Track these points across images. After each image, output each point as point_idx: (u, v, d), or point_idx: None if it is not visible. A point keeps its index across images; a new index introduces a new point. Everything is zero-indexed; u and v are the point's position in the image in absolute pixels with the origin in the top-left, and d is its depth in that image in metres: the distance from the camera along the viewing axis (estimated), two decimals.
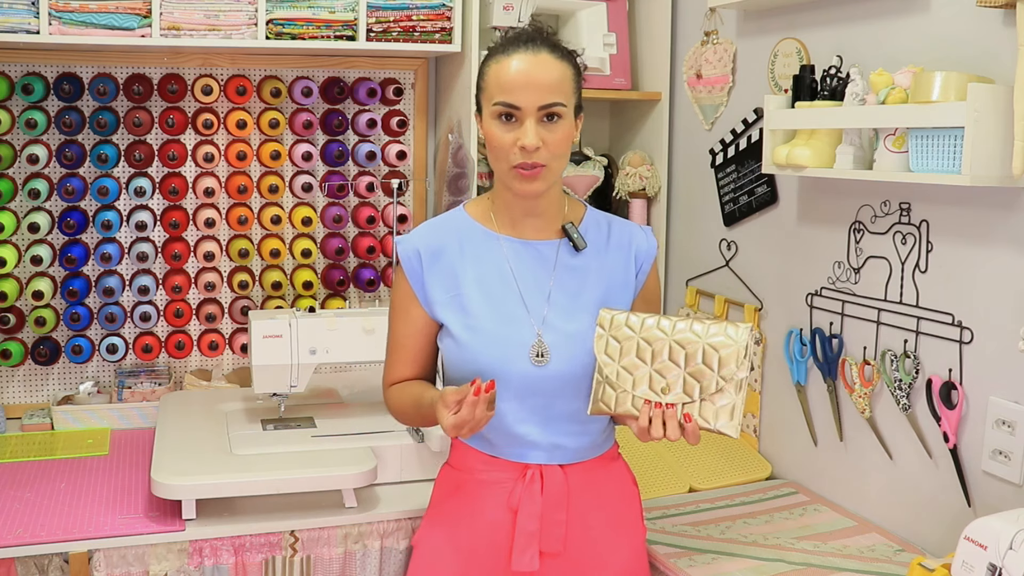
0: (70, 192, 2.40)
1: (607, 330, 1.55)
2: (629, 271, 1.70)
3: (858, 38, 1.97)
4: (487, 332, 1.60)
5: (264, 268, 2.67)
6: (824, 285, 2.08)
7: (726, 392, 1.49)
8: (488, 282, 1.63)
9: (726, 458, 2.27)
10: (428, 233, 1.68)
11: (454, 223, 1.69)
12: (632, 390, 1.53)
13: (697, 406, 1.50)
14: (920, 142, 1.64)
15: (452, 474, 1.72)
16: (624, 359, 1.53)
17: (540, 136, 1.53)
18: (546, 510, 1.62)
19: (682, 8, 2.60)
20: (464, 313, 1.62)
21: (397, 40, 2.40)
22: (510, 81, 1.53)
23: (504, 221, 1.67)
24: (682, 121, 2.62)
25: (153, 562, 1.87)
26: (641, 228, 1.75)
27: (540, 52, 1.54)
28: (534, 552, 1.61)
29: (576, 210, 1.72)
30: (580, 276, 1.65)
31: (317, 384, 2.51)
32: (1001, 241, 1.67)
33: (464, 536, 1.66)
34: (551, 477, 1.63)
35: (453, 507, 1.69)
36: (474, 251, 1.65)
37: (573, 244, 1.65)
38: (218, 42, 2.27)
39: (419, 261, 1.65)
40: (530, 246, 1.65)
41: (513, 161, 1.54)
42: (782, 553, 1.80)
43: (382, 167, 2.70)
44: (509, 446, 1.64)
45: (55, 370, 2.57)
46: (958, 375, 1.76)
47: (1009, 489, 1.66)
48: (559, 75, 1.54)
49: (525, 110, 1.52)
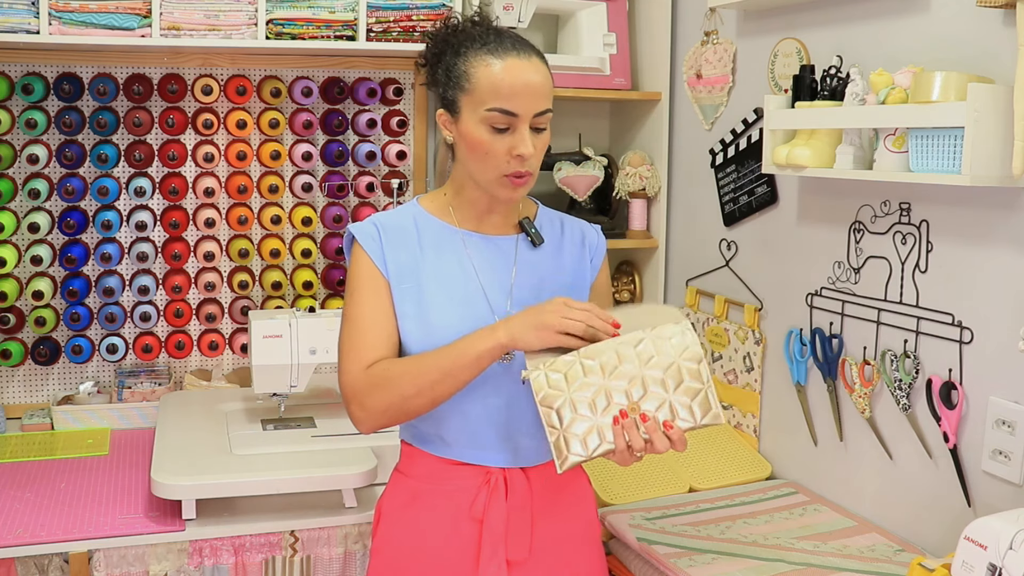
0: (70, 192, 2.40)
1: (543, 369, 1.41)
2: (584, 266, 1.68)
3: (858, 38, 1.97)
4: (448, 327, 1.54)
5: (264, 268, 2.67)
6: (824, 285, 2.08)
7: (693, 381, 1.38)
8: (448, 275, 1.58)
9: (726, 458, 2.27)
10: (385, 217, 1.62)
11: (410, 213, 1.63)
12: (596, 416, 1.39)
13: (669, 408, 1.38)
14: (920, 142, 1.64)
15: (406, 483, 1.64)
16: (573, 386, 1.39)
17: (532, 143, 1.50)
18: (511, 517, 1.58)
19: (682, 8, 2.60)
20: (423, 306, 1.56)
21: (397, 40, 2.40)
22: (509, 88, 1.46)
23: (466, 216, 1.62)
24: (682, 121, 2.62)
25: (153, 562, 1.87)
26: (590, 225, 1.73)
27: (532, 57, 1.51)
28: (501, 560, 1.57)
29: (528, 207, 1.70)
30: (539, 271, 1.63)
31: (317, 384, 2.51)
32: (1001, 241, 1.67)
33: (424, 550, 1.60)
34: (515, 482, 1.59)
35: (410, 519, 1.62)
36: (433, 243, 1.60)
37: (531, 239, 1.63)
38: (218, 42, 2.27)
39: (378, 238, 1.57)
40: (490, 241, 1.62)
41: (505, 170, 1.50)
42: (782, 553, 1.80)
43: (382, 167, 2.70)
44: (469, 448, 1.58)
45: (55, 370, 2.57)
46: (958, 375, 1.76)
47: (1009, 489, 1.66)
48: (549, 81, 1.52)
49: (522, 117, 1.48)
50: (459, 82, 1.51)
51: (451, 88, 1.53)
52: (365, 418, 1.54)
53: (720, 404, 1.37)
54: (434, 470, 1.61)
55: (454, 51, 1.53)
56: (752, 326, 2.31)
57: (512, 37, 1.52)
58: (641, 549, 1.83)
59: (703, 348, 1.38)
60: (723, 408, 2.42)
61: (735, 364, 2.37)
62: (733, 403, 2.39)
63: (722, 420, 1.40)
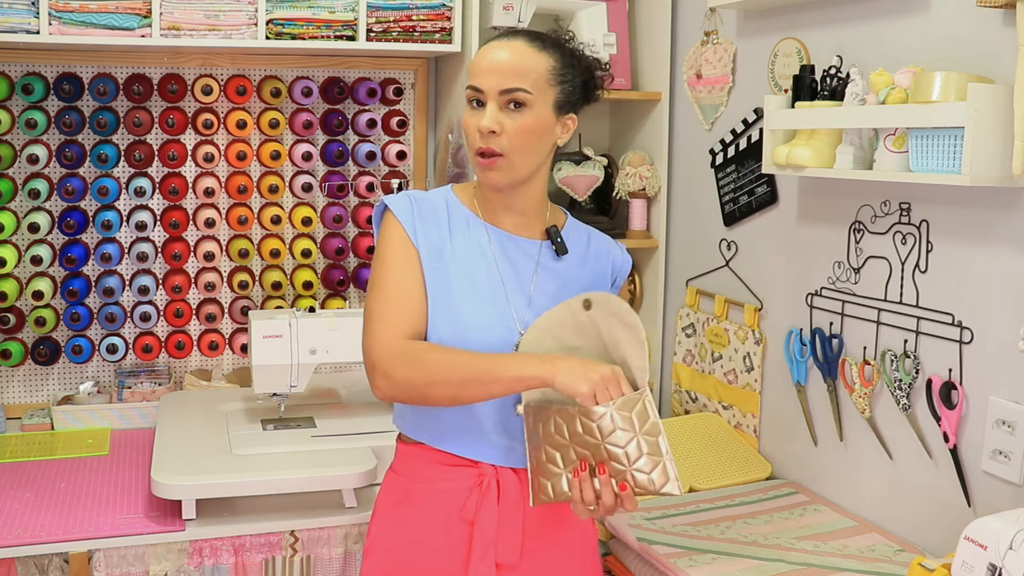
0: (70, 192, 2.40)
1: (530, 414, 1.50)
2: (605, 284, 1.69)
3: (858, 38, 1.97)
4: (468, 314, 1.55)
5: (264, 268, 2.67)
6: (824, 285, 2.08)
7: (652, 452, 1.42)
8: (472, 263, 1.59)
9: (726, 458, 2.27)
10: (419, 194, 1.63)
11: (442, 196, 1.65)
12: (563, 469, 1.46)
13: (629, 473, 1.42)
14: (920, 142, 1.64)
15: (398, 482, 1.65)
16: (547, 439, 1.47)
17: (499, 121, 1.51)
18: (503, 519, 1.57)
19: (682, 8, 2.60)
20: (446, 288, 1.56)
21: (397, 40, 2.40)
22: (476, 64, 1.54)
23: (488, 211, 1.63)
24: (682, 121, 2.62)
25: (153, 562, 1.87)
26: (617, 244, 1.74)
27: (516, 40, 1.54)
28: (490, 563, 1.56)
29: (557, 217, 1.70)
30: (560, 281, 1.63)
31: (317, 384, 2.51)
32: (1001, 241, 1.67)
33: (415, 549, 1.60)
34: (506, 483, 1.58)
35: (402, 518, 1.62)
36: (460, 228, 1.61)
37: (556, 248, 1.63)
38: (218, 42, 2.27)
39: (412, 210, 1.58)
40: (513, 240, 1.63)
41: (474, 146, 1.54)
42: (782, 553, 1.80)
43: (382, 167, 2.70)
44: (463, 441, 1.58)
45: (55, 370, 2.57)
46: (958, 375, 1.76)
47: (1009, 489, 1.66)
48: (530, 63, 1.52)
49: (487, 92, 1.51)
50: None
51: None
52: (387, 387, 1.51)
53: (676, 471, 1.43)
54: (427, 469, 1.61)
55: None
56: (752, 326, 2.31)
57: (521, 29, 1.57)
58: (641, 549, 1.83)
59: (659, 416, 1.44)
60: (723, 407, 2.42)
61: (735, 364, 2.37)
62: (733, 403, 2.39)
63: (681, 491, 1.43)
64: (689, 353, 2.56)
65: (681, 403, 2.60)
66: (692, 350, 2.55)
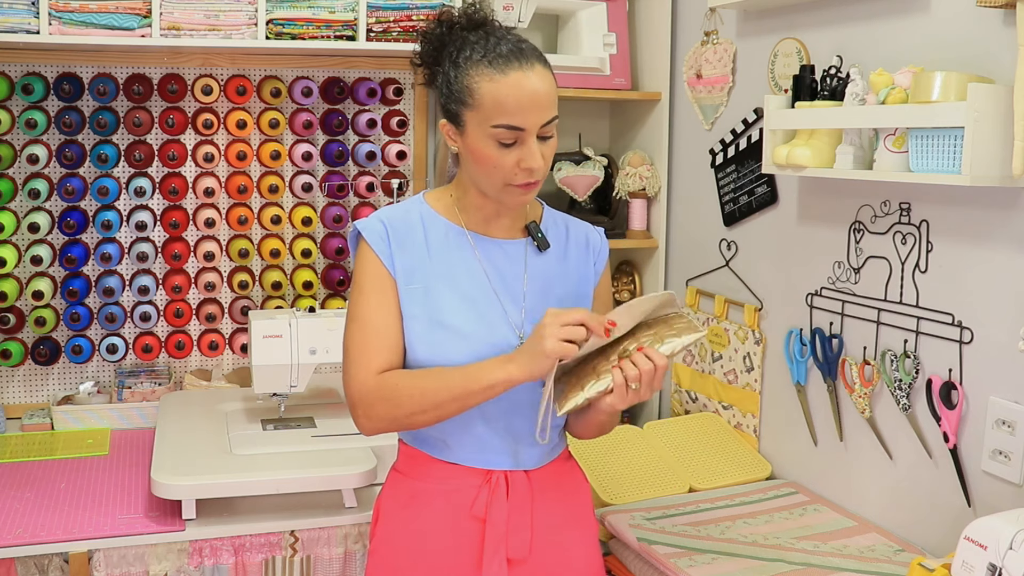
0: (70, 192, 2.40)
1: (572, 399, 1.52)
2: (588, 270, 1.67)
3: (858, 38, 1.97)
4: (462, 332, 1.53)
5: (264, 268, 2.67)
6: (824, 285, 2.08)
7: (672, 322, 1.48)
8: (458, 277, 1.57)
9: (726, 458, 2.27)
10: (392, 214, 1.59)
11: (416, 211, 1.60)
12: (592, 361, 1.48)
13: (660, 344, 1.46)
14: (920, 142, 1.64)
15: (404, 482, 1.64)
16: (577, 369, 1.51)
17: (543, 153, 1.48)
18: (512, 515, 1.57)
19: (682, 8, 2.60)
20: (431, 307, 1.54)
21: (397, 40, 2.40)
22: (515, 103, 1.44)
23: (473, 219, 1.60)
24: (682, 121, 2.62)
25: (153, 562, 1.87)
26: (594, 228, 1.72)
27: (535, 66, 1.46)
28: (502, 559, 1.56)
29: (535, 208, 1.68)
30: (546, 276, 1.62)
31: (317, 384, 2.51)
32: (1001, 241, 1.67)
33: (424, 549, 1.59)
34: (516, 482, 1.58)
35: (409, 518, 1.61)
36: (440, 244, 1.57)
37: (537, 244, 1.62)
38: (218, 42, 2.27)
39: (386, 237, 1.55)
40: (497, 245, 1.60)
41: (514, 180, 1.49)
42: (782, 553, 1.80)
43: (382, 167, 2.70)
44: (470, 452, 1.58)
45: (55, 370, 2.57)
46: (958, 375, 1.76)
47: (1009, 489, 1.66)
48: (553, 87, 1.49)
49: (529, 131, 1.45)
50: (462, 97, 1.48)
51: (453, 102, 1.50)
52: (369, 426, 1.54)
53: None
54: (433, 470, 1.60)
55: (452, 62, 1.50)
56: (752, 326, 2.31)
57: (511, 42, 1.48)
58: (641, 549, 1.83)
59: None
60: (723, 407, 2.42)
61: (735, 364, 2.37)
62: (733, 403, 2.39)
63: (703, 331, 1.49)
64: (689, 353, 2.56)
65: (681, 403, 2.60)
66: (692, 350, 2.55)
